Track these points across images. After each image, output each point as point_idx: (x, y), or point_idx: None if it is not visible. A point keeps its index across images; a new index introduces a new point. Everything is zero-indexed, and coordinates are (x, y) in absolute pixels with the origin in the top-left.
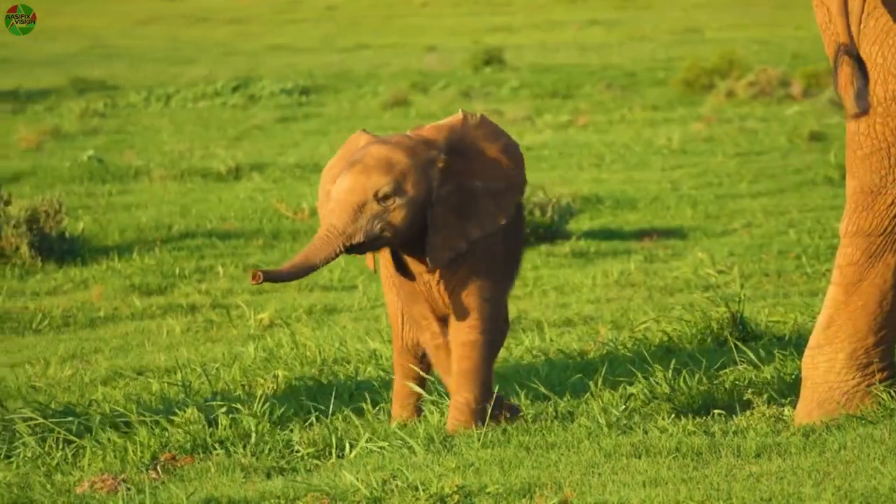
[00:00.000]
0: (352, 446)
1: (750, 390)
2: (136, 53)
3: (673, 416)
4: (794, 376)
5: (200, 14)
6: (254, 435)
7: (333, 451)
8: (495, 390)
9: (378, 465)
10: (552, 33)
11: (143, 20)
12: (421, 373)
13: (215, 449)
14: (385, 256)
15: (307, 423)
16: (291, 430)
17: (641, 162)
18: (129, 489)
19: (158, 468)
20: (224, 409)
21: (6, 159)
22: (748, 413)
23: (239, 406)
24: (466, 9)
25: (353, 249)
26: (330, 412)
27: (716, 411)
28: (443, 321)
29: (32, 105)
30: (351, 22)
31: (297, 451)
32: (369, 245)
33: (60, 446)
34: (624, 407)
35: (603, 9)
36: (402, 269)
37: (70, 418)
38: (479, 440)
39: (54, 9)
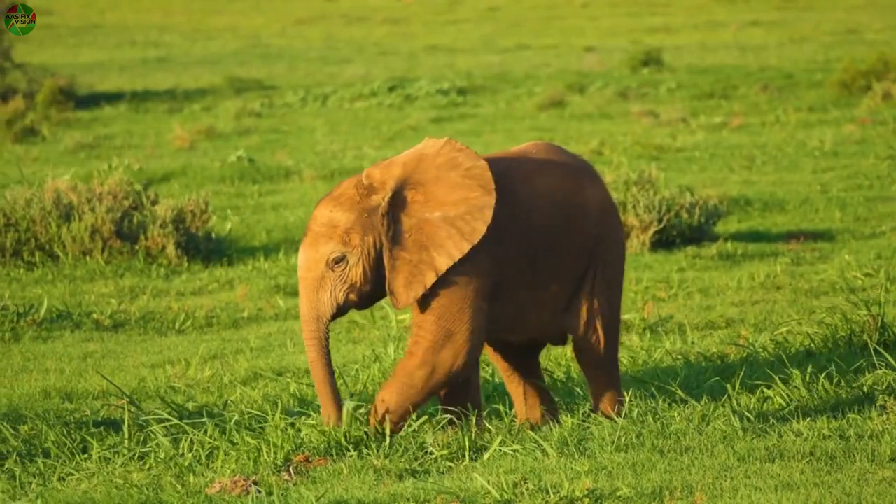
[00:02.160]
0: (485, 449)
1: (887, 394)
2: (293, 53)
3: (808, 419)
4: None
5: (359, 14)
6: (387, 436)
7: (467, 453)
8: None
9: (511, 467)
10: (712, 34)
11: (301, 20)
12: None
13: (349, 451)
14: None
15: (441, 426)
16: (425, 432)
17: (793, 164)
18: (259, 491)
19: (291, 470)
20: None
21: (159, 158)
22: (884, 417)
23: None
24: (626, 9)
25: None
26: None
27: (851, 415)
28: None
29: (189, 104)
30: (512, 23)
31: (431, 454)
32: (340, 313)
33: (194, 447)
34: (759, 410)
35: (764, 10)
36: None
37: (204, 419)
38: (612, 443)
39: (213, 8)
